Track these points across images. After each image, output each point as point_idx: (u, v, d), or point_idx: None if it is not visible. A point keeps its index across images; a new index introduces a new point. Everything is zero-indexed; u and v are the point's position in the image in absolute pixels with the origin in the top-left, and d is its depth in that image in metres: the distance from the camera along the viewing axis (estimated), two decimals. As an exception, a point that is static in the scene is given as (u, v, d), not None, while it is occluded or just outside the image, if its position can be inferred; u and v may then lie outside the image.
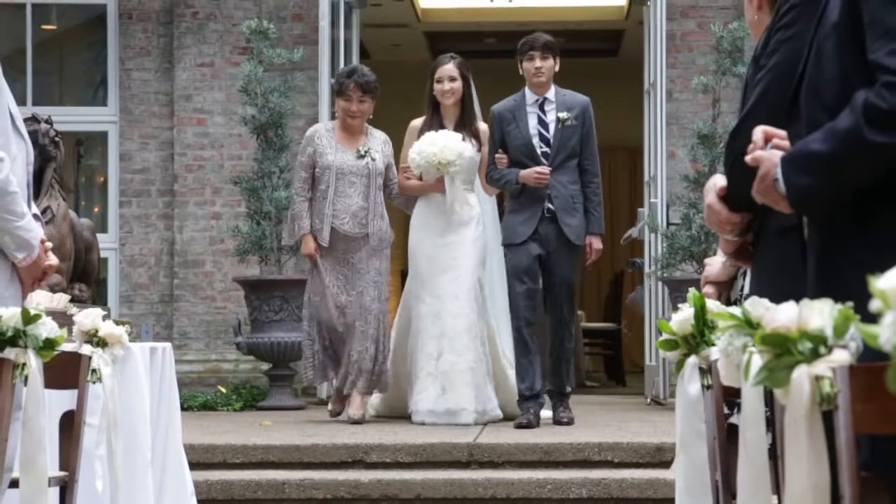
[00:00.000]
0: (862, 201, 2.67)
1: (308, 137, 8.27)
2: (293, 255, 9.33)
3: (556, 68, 7.95)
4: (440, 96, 8.14)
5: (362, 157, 8.13)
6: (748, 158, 2.91)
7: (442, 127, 8.13)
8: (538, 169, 7.76)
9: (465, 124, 8.18)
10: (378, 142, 8.27)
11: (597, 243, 7.95)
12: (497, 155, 7.91)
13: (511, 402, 8.06)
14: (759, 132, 2.95)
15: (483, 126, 8.25)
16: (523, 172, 7.78)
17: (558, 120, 7.89)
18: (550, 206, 7.83)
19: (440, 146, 7.94)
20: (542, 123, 7.92)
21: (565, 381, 7.97)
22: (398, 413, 8.34)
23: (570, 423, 7.80)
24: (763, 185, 2.86)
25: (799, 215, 2.96)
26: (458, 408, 7.85)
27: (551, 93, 7.96)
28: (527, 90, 7.97)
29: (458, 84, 8.11)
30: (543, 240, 7.81)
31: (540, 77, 7.86)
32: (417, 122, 8.29)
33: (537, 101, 7.94)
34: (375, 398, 8.42)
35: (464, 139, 8.10)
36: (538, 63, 7.83)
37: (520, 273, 7.81)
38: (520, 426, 7.66)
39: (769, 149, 2.90)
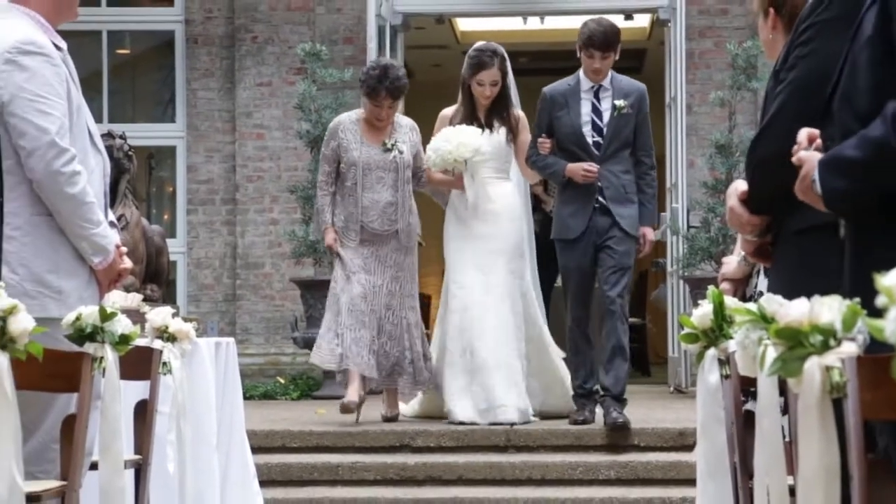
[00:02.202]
0: (891, 204, 2.66)
1: (332, 130, 7.31)
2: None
3: (616, 57, 7.01)
4: (479, 97, 7.27)
5: (389, 150, 7.19)
6: (794, 158, 2.89)
7: (474, 116, 7.26)
8: (585, 166, 6.85)
9: (497, 114, 7.30)
10: (405, 131, 7.32)
11: (650, 234, 7.09)
12: (540, 139, 7.01)
13: (561, 395, 7.33)
14: (803, 134, 2.93)
15: (520, 113, 7.40)
16: (570, 166, 6.89)
17: (614, 108, 6.95)
18: (601, 198, 6.92)
19: (455, 143, 7.03)
20: (596, 111, 7.00)
21: (622, 385, 6.93)
22: (435, 415, 7.36)
23: (624, 425, 6.79)
24: (803, 185, 2.85)
25: (833, 216, 2.95)
26: (496, 405, 6.94)
27: (607, 80, 7.02)
28: (582, 75, 7.03)
29: (497, 87, 7.26)
30: (598, 232, 6.90)
31: (598, 75, 6.97)
32: (448, 112, 7.38)
33: (592, 87, 7.00)
34: (412, 402, 7.52)
35: (494, 129, 7.25)
36: (597, 65, 6.92)
37: (572, 270, 6.95)
38: (575, 423, 6.94)
39: (812, 150, 2.89)
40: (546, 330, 7.52)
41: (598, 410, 7.03)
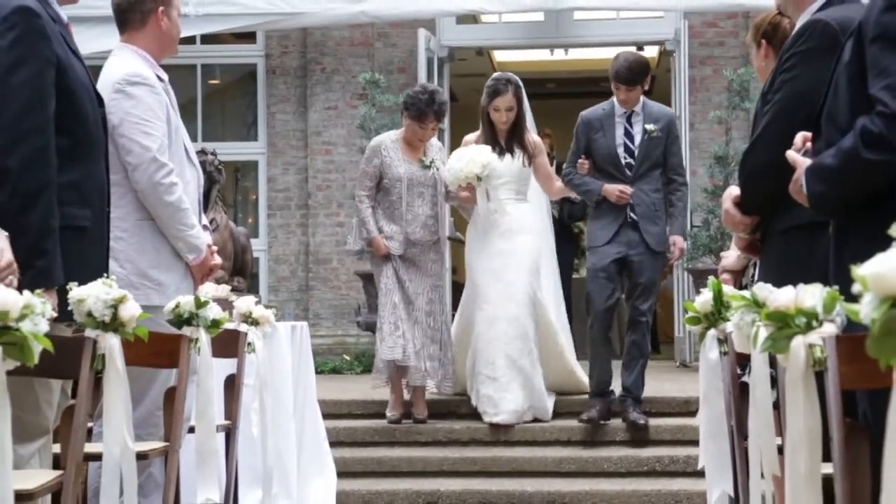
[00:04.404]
0: (866, 205, 2.64)
1: (374, 149, 6.79)
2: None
3: (646, 87, 6.58)
4: (497, 123, 6.80)
5: (427, 167, 6.74)
6: (788, 155, 2.88)
7: (496, 141, 6.79)
8: (621, 188, 6.42)
9: (516, 138, 6.82)
10: (435, 150, 6.86)
11: (680, 242, 6.55)
12: (580, 160, 6.55)
13: (569, 382, 6.95)
14: (799, 137, 2.94)
15: (535, 138, 6.97)
16: (606, 187, 6.44)
17: (645, 131, 6.49)
18: (633, 214, 6.45)
19: (466, 161, 6.57)
20: (628, 135, 6.53)
21: (640, 387, 6.58)
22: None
23: (644, 425, 6.52)
24: (795, 187, 2.85)
25: (814, 216, 2.95)
26: (515, 408, 6.58)
27: (639, 106, 6.56)
28: (615, 101, 6.57)
29: (513, 112, 6.78)
30: (627, 243, 6.44)
31: (626, 104, 6.53)
32: (471, 137, 6.92)
33: (625, 113, 6.54)
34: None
35: (514, 154, 6.79)
36: (623, 96, 6.49)
37: (598, 272, 6.42)
38: (581, 421, 6.55)
39: (802, 153, 2.89)
40: (560, 335, 6.97)
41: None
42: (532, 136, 6.97)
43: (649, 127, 6.52)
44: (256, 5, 9.82)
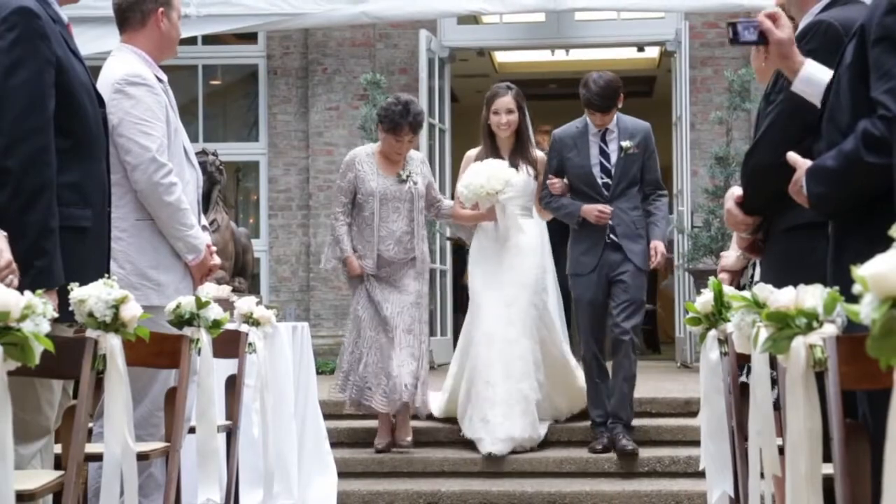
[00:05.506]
0: (865, 207, 2.64)
1: (348, 163, 6.46)
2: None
3: (620, 105, 6.32)
4: (497, 128, 6.44)
5: (404, 181, 6.38)
6: (788, 156, 2.88)
7: (498, 156, 6.44)
8: (600, 207, 6.17)
9: (520, 153, 6.49)
10: (416, 163, 6.48)
11: (661, 247, 6.22)
12: (549, 181, 6.32)
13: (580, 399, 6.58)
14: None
15: (540, 154, 6.63)
16: (585, 207, 6.20)
17: (621, 149, 6.26)
18: (613, 235, 6.21)
19: (486, 176, 6.25)
20: (604, 154, 6.28)
21: (629, 412, 6.33)
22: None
23: (633, 451, 6.23)
24: (795, 188, 2.86)
25: (815, 217, 2.95)
26: (512, 435, 6.30)
27: (612, 123, 6.31)
28: (588, 119, 6.33)
29: (514, 116, 6.43)
30: (610, 266, 6.20)
31: (602, 126, 6.30)
32: (473, 153, 6.56)
33: (599, 131, 6.30)
34: (439, 401, 6.75)
35: (519, 168, 6.44)
36: (599, 121, 6.27)
37: (585, 304, 6.25)
38: (593, 451, 6.34)
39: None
40: (568, 350, 6.68)
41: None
42: (535, 152, 6.63)
43: (625, 144, 6.27)
44: (258, 6, 9.82)
